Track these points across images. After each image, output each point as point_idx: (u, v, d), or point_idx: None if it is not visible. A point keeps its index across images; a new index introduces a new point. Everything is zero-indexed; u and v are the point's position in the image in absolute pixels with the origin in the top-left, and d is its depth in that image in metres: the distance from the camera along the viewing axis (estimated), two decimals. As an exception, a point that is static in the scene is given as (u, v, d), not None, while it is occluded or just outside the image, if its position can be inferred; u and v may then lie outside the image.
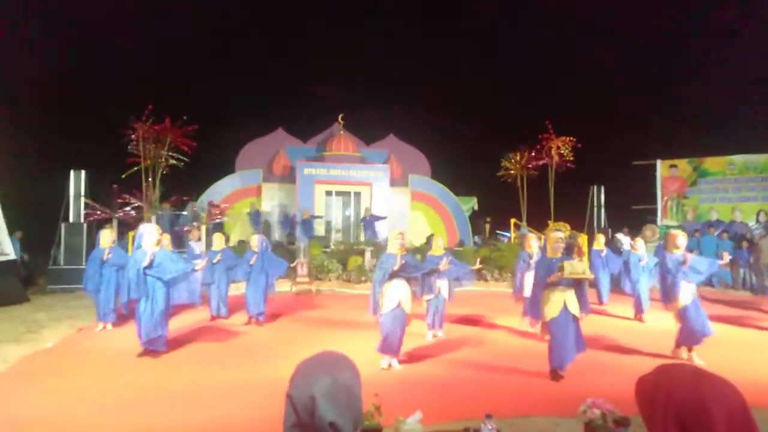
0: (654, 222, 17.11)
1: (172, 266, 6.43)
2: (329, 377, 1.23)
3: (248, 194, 17.98)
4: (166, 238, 9.21)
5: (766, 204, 16.27)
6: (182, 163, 16.10)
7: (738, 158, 16.99)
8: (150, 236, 6.45)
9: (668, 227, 16.49)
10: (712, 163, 17.32)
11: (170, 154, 15.92)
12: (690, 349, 6.38)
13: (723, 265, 6.73)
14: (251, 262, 8.73)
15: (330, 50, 25.38)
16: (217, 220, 15.79)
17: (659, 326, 8.20)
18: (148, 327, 5.98)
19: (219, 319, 9.00)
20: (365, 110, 19.99)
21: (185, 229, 14.15)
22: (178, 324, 8.48)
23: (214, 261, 9.27)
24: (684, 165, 17.69)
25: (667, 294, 6.54)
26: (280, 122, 19.70)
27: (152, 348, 6.08)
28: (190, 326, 8.35)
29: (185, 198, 16.95)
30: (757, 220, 16.03)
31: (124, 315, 8.17)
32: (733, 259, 12.11)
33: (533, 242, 8.16)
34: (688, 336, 6.32)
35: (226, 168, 18.83)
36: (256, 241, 9.10)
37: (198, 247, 11.80)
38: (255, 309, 8.56)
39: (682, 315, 6.34)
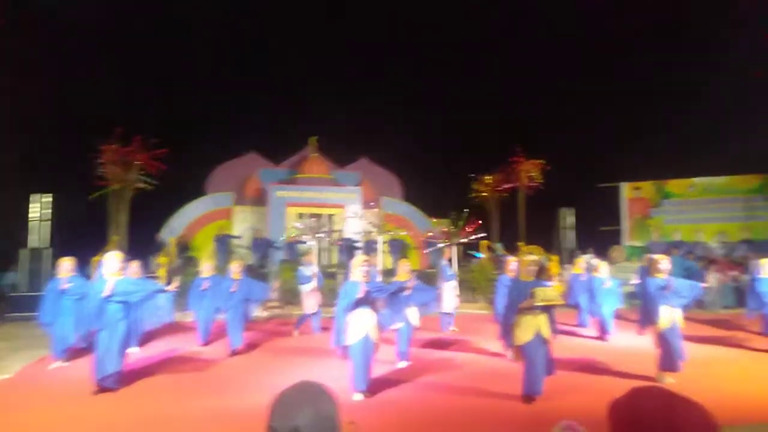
0: (620, 243, 17.50)
1: (136, 289, 6.37)
2: (313, 408, 1.23)
3: (219, 217, 17.77)
4: (135, 264, 9.03)
5: (726, 224, 16.86)
6: (151, 186, 15.90)
7: (698, 180, 17.62)
8: (111, 264, 6.24)
9: (634, 248, 16.92)
10: (674, 185, 17.90)
11: (139, 176, 15.72)
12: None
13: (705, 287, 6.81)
14: (232, 290, 8.50)
15: (303, 73, 25.61)
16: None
17: (624, 346, 8.40)
18: (103, 361, 5.78)
19: (205, 346, 8.81)
20: (337, 133, 20.09)
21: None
22: (155, 350, 8.32)
23: (203, 287, 9.08)
24: (648, 187, 18.22)
25: (646, 317, 6.52)
26: (253, 145, 19.64)
27: (104, 386, 5.86)
28: (165, 353, 8.17)
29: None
30: (718, 241, 16.56)
31: (83, 348, 7.71)
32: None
33: (513, 266, 8.11)
34: (668, 361, 6.22)
35: (196, 191, 18.61)
36: (236, 266, 8.85)
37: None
38: (237, 341, 8.28)
39: (660, 339, 6.29)
